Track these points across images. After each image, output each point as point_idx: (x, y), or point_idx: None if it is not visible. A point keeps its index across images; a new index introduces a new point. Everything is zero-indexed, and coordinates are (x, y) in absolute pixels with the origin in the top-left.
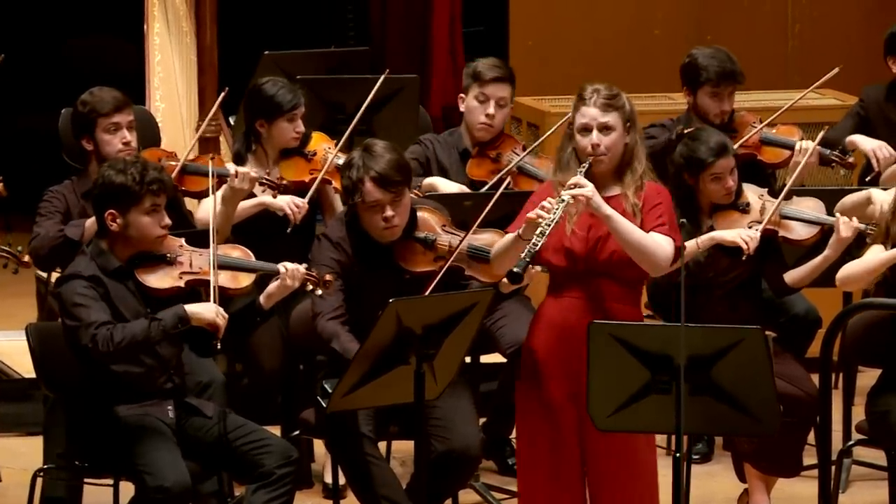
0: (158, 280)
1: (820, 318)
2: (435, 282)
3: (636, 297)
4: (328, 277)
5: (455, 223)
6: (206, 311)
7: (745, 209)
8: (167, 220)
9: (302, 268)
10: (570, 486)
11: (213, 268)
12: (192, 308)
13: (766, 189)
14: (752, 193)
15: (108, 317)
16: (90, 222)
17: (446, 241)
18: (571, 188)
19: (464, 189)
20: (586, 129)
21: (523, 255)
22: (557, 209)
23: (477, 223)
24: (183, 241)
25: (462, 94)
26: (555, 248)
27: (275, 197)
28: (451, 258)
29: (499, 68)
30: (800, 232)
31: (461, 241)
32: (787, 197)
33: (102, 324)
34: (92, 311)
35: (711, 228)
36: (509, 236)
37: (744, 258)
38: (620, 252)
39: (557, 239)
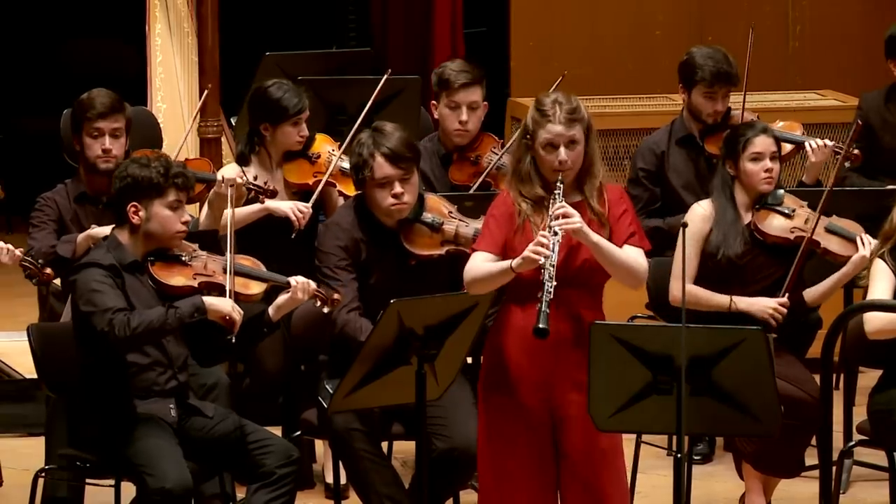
0: (172, 277)
1: (820, 319)
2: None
3: (599, 301)
4: (336, 296)
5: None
6: (223, 304)
7: (790, 214)
8: (187, 217)
9: (313, 284)
10: (546, 491)
11: (231, 272)
12: (209, 300)
13: (806, 203)
14: (794, 202)
15: (124, 304)
16: (81, 238)
17: (453, 227)
18: (559, 218)
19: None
20: (552, 146)
21: (541, 306)
22: (555, 244)
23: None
24: (197, 245)
25: (434, 102)
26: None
27: (263, 202)
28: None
29: (465, 73)
30: (840, 248)
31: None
32: (829, 214)
33: (119, 309)
34: (108, 297)
35: (750, 226)
36: (497, 266)
37: (773, 335)
38: (591, 261)
39: (526, 248)
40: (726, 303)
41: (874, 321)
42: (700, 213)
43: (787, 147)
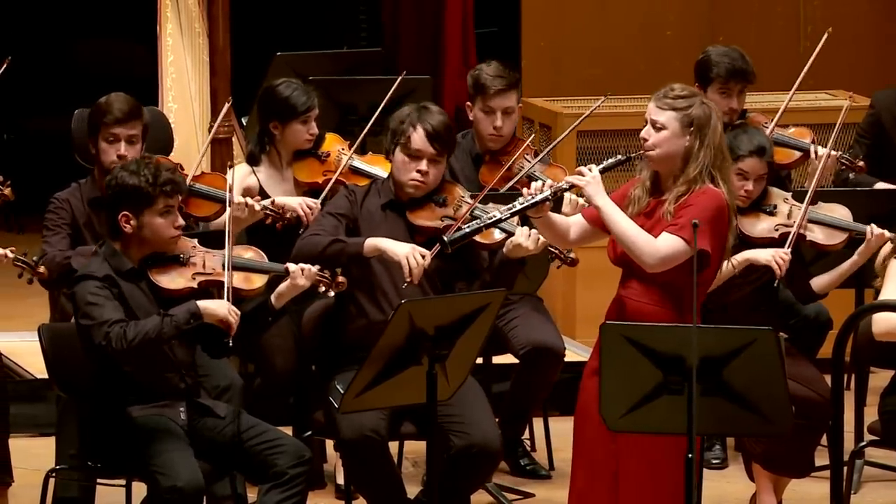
0: (171, 281)
1: (830, 319)
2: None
3: (670, 300)
4: (340, 279)
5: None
6: (219, 307)
7: (771, 212)
8: (181, 221)
9: (315, 268)
10: (604, 492)
11: (228, 269)
12: (204, 304)
13: (790, 193)
14: (777, 196)
15: (122, 315)
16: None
17: (456, 203)
18: (577, 174)
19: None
20: (645, 124)
21: (465, 225)
22: (546, 192)
23: (485, 191)
24: (196, 242)
25: (469, 103)
26: (610, 243)
27: (279, 228)
28: (460, 220)
29: (502, 78)
30: (828, 237)
31: (471, 206)
32: (814, 202)
33: (115, 322)
34: (105, 309)
35: (736, 229)
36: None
37: (776, 283)
38: None
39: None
40: (728, 267)
41: (882, 322)
42: None
43: (795, 154)
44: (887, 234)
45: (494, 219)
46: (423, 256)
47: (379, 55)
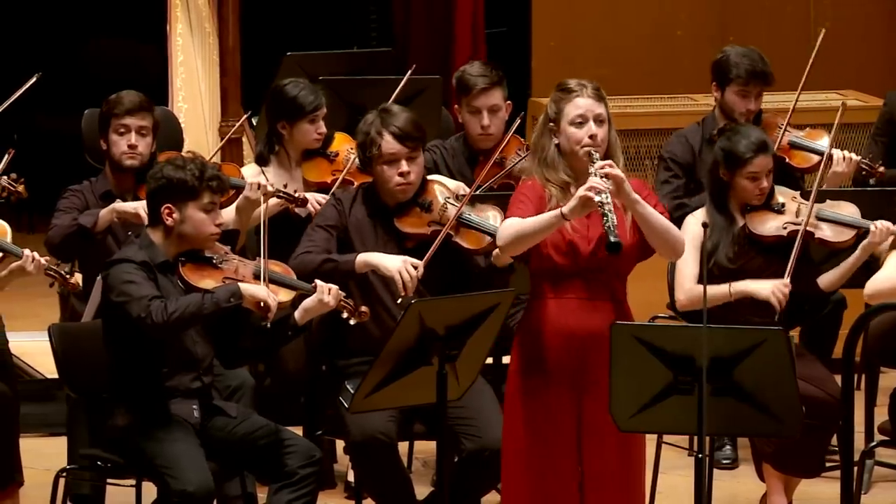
0: (201, 279)
1: (843, 298)
2: (433, 250)
3: (625, 290)
4: (363, 309)
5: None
6: (259, 289)
7: (780, 210)
8: (222, 219)
9: (341, 292)
10: (565, 487)
11: (264, 278)
12: (245, 285)
13: (798, 192)
14: (784, 194)
15: (159, 293)
16: (105, 210)
17: (441, 207)
18: (605, 168)
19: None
20: (582, 120)
21: (607, 223)
22: (608, 185)
23: (470, 194)
24: (229, 248)
25: (456, 105)
26: (555, 246)
27: (292, 211)
28: (448, 226)
29: (483, 77)
30: (836, 235)
31: (458, 211)
32: (821, 199)
33: (156, 297)
34: (143, 287)
35: (745, 228)
36: (545, 216)
37: (776, 318)
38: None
39: (559, 237)
40: (725, 291)
41: (872, 285)
42: (695, 223)
43: (814, 158)
44: (892, 227)
45: (608, 213)
46: (416, 267)
47: (389, 55)
